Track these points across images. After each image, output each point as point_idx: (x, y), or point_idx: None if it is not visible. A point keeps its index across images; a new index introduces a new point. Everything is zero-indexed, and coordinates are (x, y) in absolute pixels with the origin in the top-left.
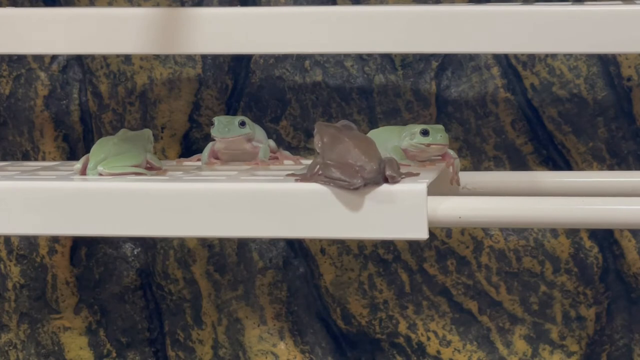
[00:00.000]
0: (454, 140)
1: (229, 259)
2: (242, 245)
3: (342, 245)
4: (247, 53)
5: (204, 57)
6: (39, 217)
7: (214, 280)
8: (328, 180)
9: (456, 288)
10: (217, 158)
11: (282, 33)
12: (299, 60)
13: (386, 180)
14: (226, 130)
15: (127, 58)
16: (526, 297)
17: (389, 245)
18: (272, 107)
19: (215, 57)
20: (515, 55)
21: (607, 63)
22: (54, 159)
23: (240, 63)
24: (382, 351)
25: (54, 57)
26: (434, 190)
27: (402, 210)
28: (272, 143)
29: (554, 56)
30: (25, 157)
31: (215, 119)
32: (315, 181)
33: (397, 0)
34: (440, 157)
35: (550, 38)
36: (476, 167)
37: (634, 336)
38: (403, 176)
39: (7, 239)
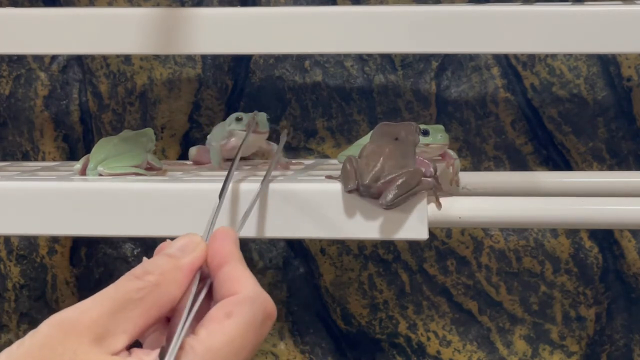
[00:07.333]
0: (454, 140)
1: None
2: (242, 245)
3: (342, 245)
4: (247, 53)
5: (204, 57)
6: (39, 217)
7: None
8: (337, 177)
9: (456, 288)
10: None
11: (282, 33)
12: (299, 60)
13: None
14: (266, 125)
15: (127, 58)
16: (526, 297)
17: (389, 245)
18: (272, 107)
19: (215, 57)
20: (515, 55)
21: (607, 63)
22: (54, 159)
23: (240, 63)
24: (382, 351)
25: (54, 57)
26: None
27: (402, 211)
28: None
29: (554, 56)
30: (25, 157)
31: (258, 115)
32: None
33: (397, 0)
34: (440, 157)
35: (550, 38)
36: (476, 167)
37: (634, 336)
38: (400, 201)
39: (7, 239)
